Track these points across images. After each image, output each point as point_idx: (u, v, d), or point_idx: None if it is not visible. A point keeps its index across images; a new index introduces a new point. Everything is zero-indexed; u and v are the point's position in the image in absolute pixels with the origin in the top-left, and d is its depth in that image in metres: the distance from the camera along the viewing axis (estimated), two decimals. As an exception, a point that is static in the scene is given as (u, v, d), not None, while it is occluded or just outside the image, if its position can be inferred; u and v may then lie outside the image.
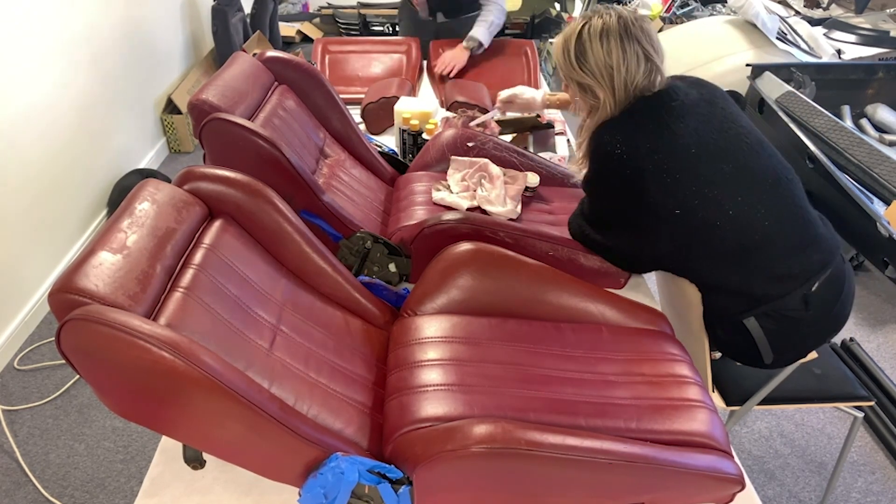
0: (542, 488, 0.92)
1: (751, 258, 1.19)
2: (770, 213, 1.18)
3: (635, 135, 1.19)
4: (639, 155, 1.18)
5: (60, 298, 0.80)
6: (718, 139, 1.19)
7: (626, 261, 1.36)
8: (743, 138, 1.21)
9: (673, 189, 1.17)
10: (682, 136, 1.18)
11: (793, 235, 1.19)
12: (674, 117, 1.19)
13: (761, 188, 1.19)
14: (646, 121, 1.20)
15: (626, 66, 1.20)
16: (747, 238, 1.18)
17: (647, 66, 1.21)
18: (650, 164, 1.17)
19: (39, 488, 1.82)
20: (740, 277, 1.21)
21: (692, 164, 1.17)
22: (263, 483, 1.00)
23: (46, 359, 2.26)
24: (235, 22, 3.80)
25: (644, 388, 1.08)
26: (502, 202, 1.56)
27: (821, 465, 1.97)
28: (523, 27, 5.06)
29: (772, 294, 1.20)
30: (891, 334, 2.49)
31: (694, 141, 1.18)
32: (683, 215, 1.18)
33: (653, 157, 1.17)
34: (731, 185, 1.18)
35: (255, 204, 1.12)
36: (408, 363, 1.08)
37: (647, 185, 1.18)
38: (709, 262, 1.22)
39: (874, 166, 2.31)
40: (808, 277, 1.20)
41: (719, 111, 1.23)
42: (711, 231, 1.18)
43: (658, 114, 1.20)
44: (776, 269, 1.19)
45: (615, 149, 1.19)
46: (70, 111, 2.60)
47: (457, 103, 2.15)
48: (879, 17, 3.71)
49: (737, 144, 1.20)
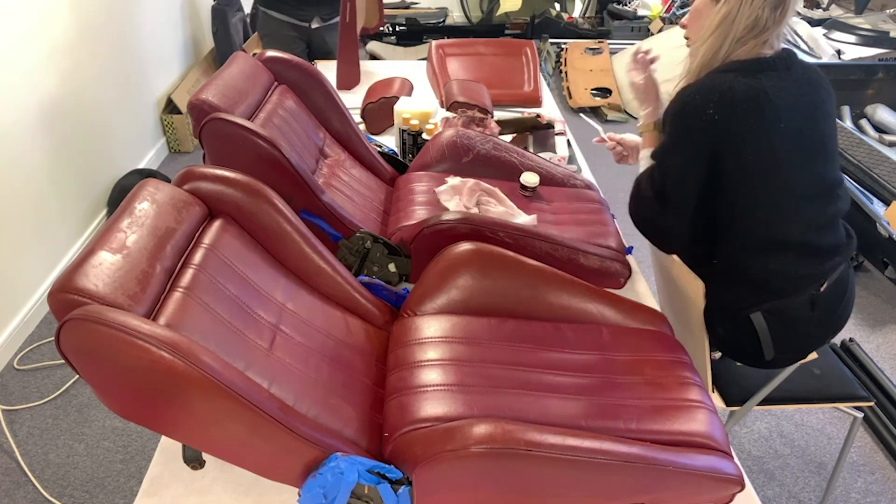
0: (542, 489, 0.92)
1: (782, 254, 1.19)
2: (815, 220, 1.18)
3: (732, 96, 1.13)
4: (734, 115, 1.13)
5: (60, 298, 0.80)
6: (804, 129, 1.16)
7: (674, 227, 1.27)
8: (826, 140, 1.19)
9: (747, 162, 1.14)
10: (776, 109, 1.14)
11: (824, 243, 1.20)
12: (776, 89, 1.14)
13: (817, 192, 1.18)
14: (744, 86, 1.14)
15: (769, 8, 1.14)
16: (788, 235, 1.18)
17: (776, 29, 1.16)
18: (739, 129, 1.13)
19: (39, 488, 1.82)
20: (765, 269, 1.21)
21: (775, 141, 1.15)
22: (263, 483, 1.00)
23: (46, 358, 2.26)
24: (235, 22, 3.80)
25: (644, 388, 1.08)
26: (518, 213, 1.56)
27: (820, 465, 1.97)
28: (523, 27, 5.06)
29: (785, 291, 1.21)
30: (890, 335, 2.49)
31: (785, 117, 1.14)
32: (744, 192, 1.16)
33: (744, 124, 1.13)
34: (798, 182, 1.17)
35: (254, 204, 1.12)
36: (407, 363, 1.08)
37: (725, 149, 1.14)
38: (741, 248, 1.21)
39: (874, 167, 2.32)
40: (820, 278, 1.21)
41: (818, 101, 1.19)
42: (761, 216, 1.17)
43: (761, 82, 1.14)
44: (798, 268, 1.20)
45: (707, 108, 1.14)
46: (70, 111, 2.60)
47: (457, 103, 2.15)
48: (879, 18, 3.71)
49: (818, 143, 1.18)
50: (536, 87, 2.44)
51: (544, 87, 2.52)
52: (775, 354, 1.27)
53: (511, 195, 1.65)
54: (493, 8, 5.27)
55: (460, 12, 5.67)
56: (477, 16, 5.64)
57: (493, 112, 2.17)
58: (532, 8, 5.07)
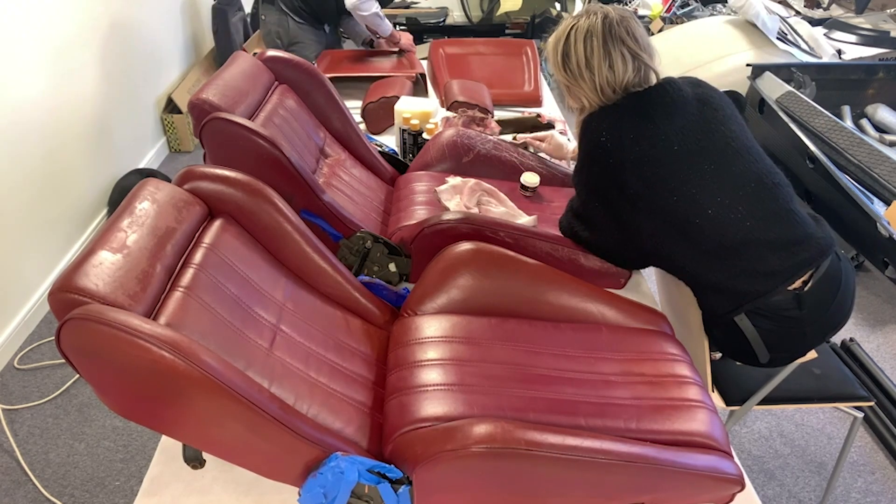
0: (542, 488, 0.92)
1: (732, 256, 1.20)
2: (752, 214, 1.19)
3: (620, 125, 1.21)
4: (622, 145, 1.20)
5: (60, 298, 0.80)
6: (702, 139, 1.21)
7: (612, 256, 1.38)
8: (729, 141, 1.22)
9: (652, 183, 1.19)
10: (666, 132, 1.19)
11: (777, 235, 1.20)
12: (661, 113, 1.21)
13: (742, 190, 1.19)
14: (632, 114, 1.22)
15: (608, 66, 1.22)
16: (727, 237, 1.19)
17: (635, 63, 1.23)
18: (632, 155, 1.19)
19: (39, 487, 1.82)
20: (723, 275, 1.22)
21: (673, 160, 1.19)
22: (263, 483, 1.00)
23: (46, 358, 2.26)
24: (235, 21, 3.80)
25: (644, 388, 1.08)
26: (518, 214, 1.56)
27: (820, 465, 1.97)
28: (523, 27, 5.06)
29: (756, 290, 1.21)
30: (890, 334, 2.49)
31: (678, 139, 1.19)
32: (662, 210, 1.20)
33: (634, 149, 1.19)
34: (711, 185, 1.19)
35: (255, 203, 1.12)
36: (408, 363, 1.08)
37: (627, 176, 1.20)
38: (691, 259, 1.23)
39: (874, 166, 2.32)
40: (794, 273, 1.21)
41: (710, 112, 1.24)
42: (690, 228, 1.19)
43: (645, 108, 1.22)
44: (759, 266, 1.20)
45: (600, 136, 1.22)
46: (70, 111, 2.60)
47: (457, 103, 2.15)
48: (879, 18, 3.71)
49: (720, 146, 1.21)
50: (537, 86, 2.44)
51: (545, 87, 2.52)
52: (771, 354, 1.27)
53: (511, 195, 1.65)
54: (493, 7, 5.27)
55: (460, 12, 5.67)
56: (477, 15, 5.64)
57: (493, 112, 2.18)
58: (532, 7, 5.06)
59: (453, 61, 2.56)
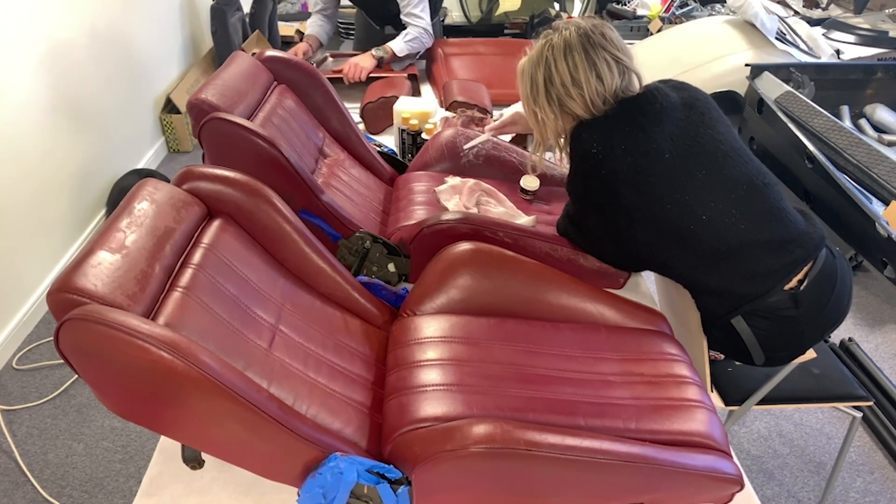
0: (541, 488, 0.92)
1: (728, 260, 1.20)
2: (745, 217, 1.18)
3: (611, 135, 1.20)
4: (614, 155, 1.19)
5: (59, 298, 0.80)
6: (692, 145, 1.20)
7: (608, 261, 1.38)
8: (718, 144, 1.21)
9: (646, 191, 1.18)
10: (656, 140, 1.19)
11: (771, 235, 1.20)
12: (650, 121, 1.20)
13: (735, 193, 1.19)
14: (622, 123, 1.21)
15: (595, 77, 1.20)
16: (722, 241, 1.18)
17: (619, 68, 1.22)
18: (624, 165, 1.18)
19: (38, 488, 1.82)
20: (720, 279, 1.22)
21: (665, 168, 1.18)
22: (262, 483, 1.00)
23: (45, 358, 2.26)
24: (234, 21, 3.80)
25: (643, 388, 1.08)
26: (518, 214, 1.56)
27: (819, 464, 1.97)
28: (523, 27, 5.06)
29: (755, 292, 1.21)
30: (889, 334, 2.49)
31: (668, 146, 1.19)
32: (656, 218, 1.19)
33: (626, 159, 1.18)
34: (704, 190, 1.18)
35: (254, 203, 1.12)
36: (407, 363, 1.08)
37: (620, 186, 1.19)
38: (686, 264, 1.23)
39: (873, 166, 2.32)
40: (790, 272, 1.21)
41: (697, 116, 1.23)
42: (685, 234, 1.19)
43: (635, 117, 1.21)
44: (756, 267, 1.20)
45: (591, 147, 1.20)
46: (69, 110, 2.60)
47: (456, 103, 2.15)
48: (878, 18, 3.72)
49: (710, 150, 1.20)
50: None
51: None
52: (770, 354, 1.27)
53: (511, 195, 1.64)
54: (492, 7, 5.27)
55: (459, 12, 5.66)
56: (476, 15, 5.63)
57: (492, 112, 2.17)
58: (531, 7, 5.06)
59: (452, 61, 2.56)
